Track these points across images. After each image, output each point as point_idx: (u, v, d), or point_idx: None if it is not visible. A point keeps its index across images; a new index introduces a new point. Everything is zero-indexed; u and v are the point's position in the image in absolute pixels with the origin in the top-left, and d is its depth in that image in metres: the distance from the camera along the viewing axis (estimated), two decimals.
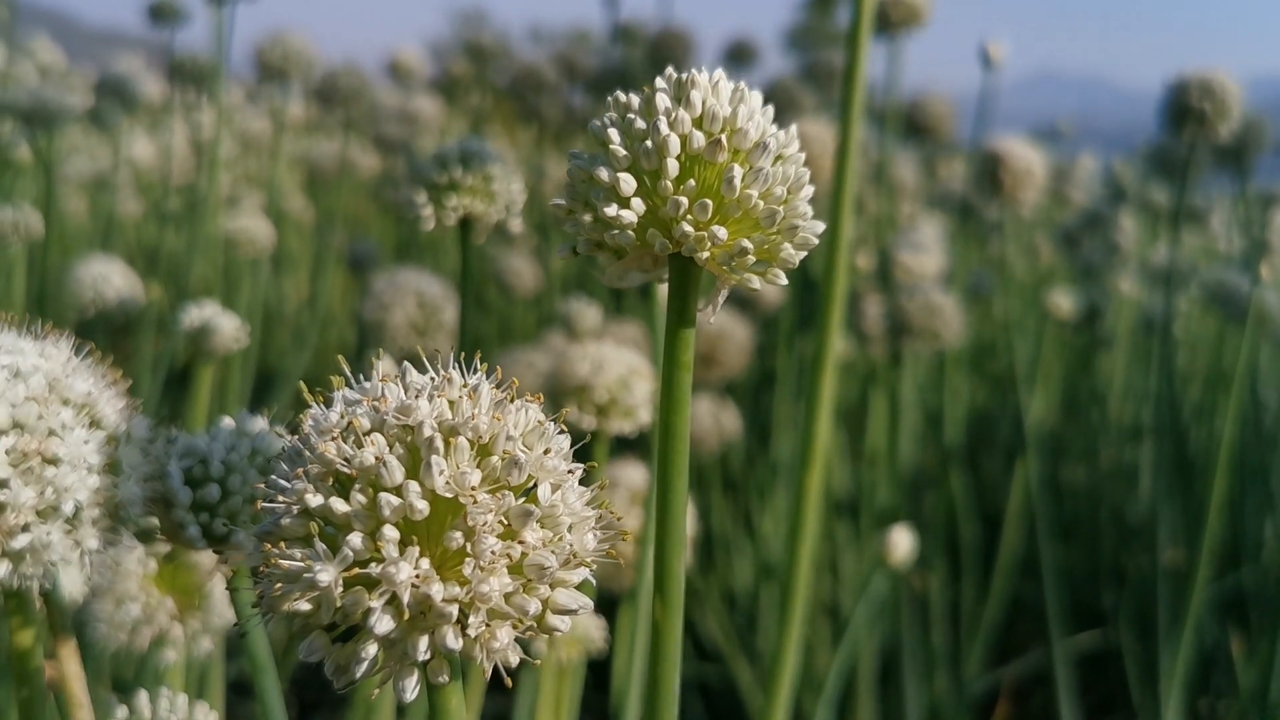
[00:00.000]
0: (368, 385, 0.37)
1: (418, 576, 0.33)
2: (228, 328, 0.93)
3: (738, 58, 2.64)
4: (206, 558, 0.79)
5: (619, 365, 0.91)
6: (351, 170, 3.20)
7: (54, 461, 0.43)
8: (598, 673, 1.39)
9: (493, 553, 0.34)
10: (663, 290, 0.93)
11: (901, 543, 1.02)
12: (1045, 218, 3.45)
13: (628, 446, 1.45)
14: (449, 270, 2.63)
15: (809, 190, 0.41)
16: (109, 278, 1.65)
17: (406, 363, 0.37)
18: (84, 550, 0.45)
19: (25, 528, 0.43)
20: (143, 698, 0.50)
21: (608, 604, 1.16)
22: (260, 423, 0.51)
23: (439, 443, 0.34)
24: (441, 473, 0.34)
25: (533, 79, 2.49)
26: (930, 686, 1.83)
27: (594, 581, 0.36)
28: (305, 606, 0.34)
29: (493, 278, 2.33)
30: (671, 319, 0.41)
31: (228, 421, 0.51)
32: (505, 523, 0.34)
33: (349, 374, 0.38)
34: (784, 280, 0.41)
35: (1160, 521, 1.76)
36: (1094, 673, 2.09)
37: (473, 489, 0.34)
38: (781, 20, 3.08)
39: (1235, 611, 1.88)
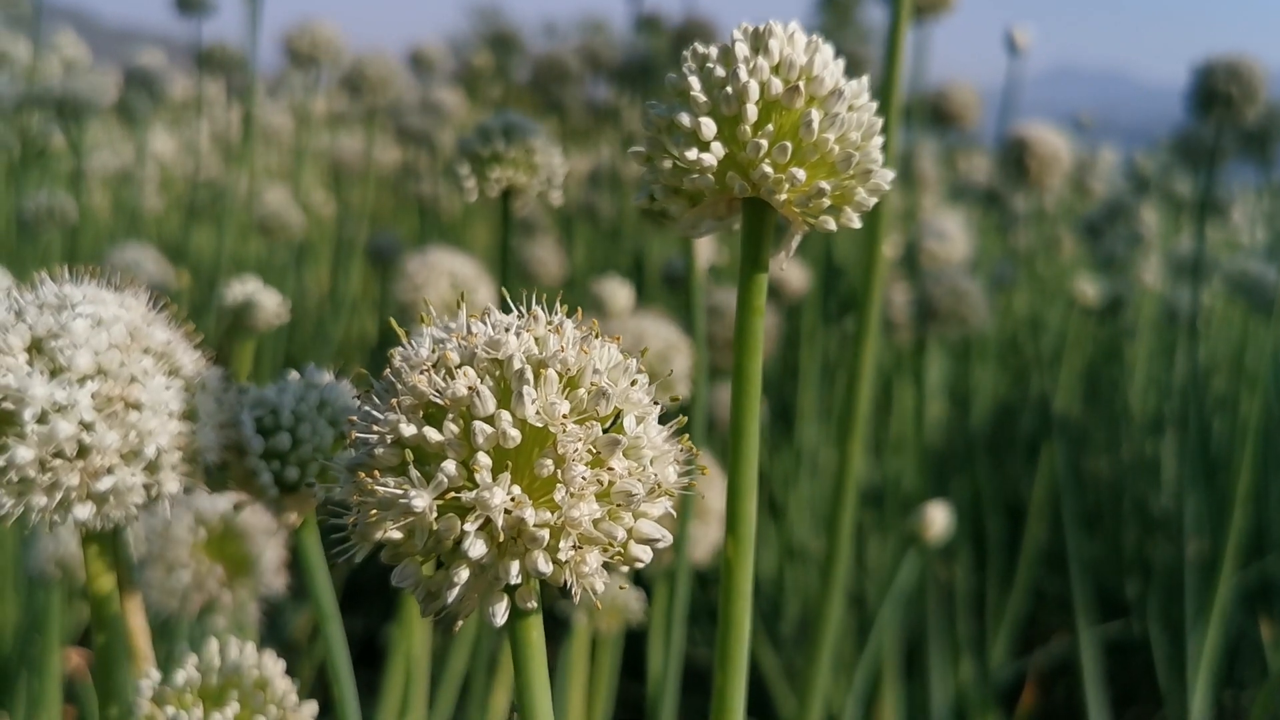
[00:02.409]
0: (454, 324, 0.38)
1: (511, 501, 0.34)
2: (270, 304, 0.94)
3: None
4: (256, 525, 0.81)
5: (658, 339, 0.91)
6: (374, 164, 3.22)
7: (137, 406, 0.44)
8: (630, 661, 1.40)
9: (583, 479, 0.34)
10: (701, 267, 0.94)
11: (937, 518, 1.02)
12: (1066, 210, 3.45)
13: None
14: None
15: (880, 139, 0.42)
16: (141, 264, 1.67)
17: (489, 304, 0.38)
18: (164, 493, 0.46)
19: (110, 470, 0.44)
20: (213, 646, 0.51)
21: (643, 586, 1.16)
22: (327, 376, 0.52)
23: (529, 374, 0.35)
24: (533, 402, 0.35)
25: (556, 69, 2.50)
26: (955, 674, 1.83)
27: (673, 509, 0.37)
28: (398, 535, 0.35)
29: (517, 267, 2.34)
30: (745, 265, 0.42)
31: (294, 375, 0.52)
32: (593, 451, 0.35)
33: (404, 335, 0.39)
34: (857, 223, 0.42)
35: (1185, 512, 1.76)
36: (1116, 663, 2.09)
37: (563, 418, 0.35)
38: (800, 15, 3.09)
39: (1260, 602, 1.87)
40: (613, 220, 2.85)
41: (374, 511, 0.35)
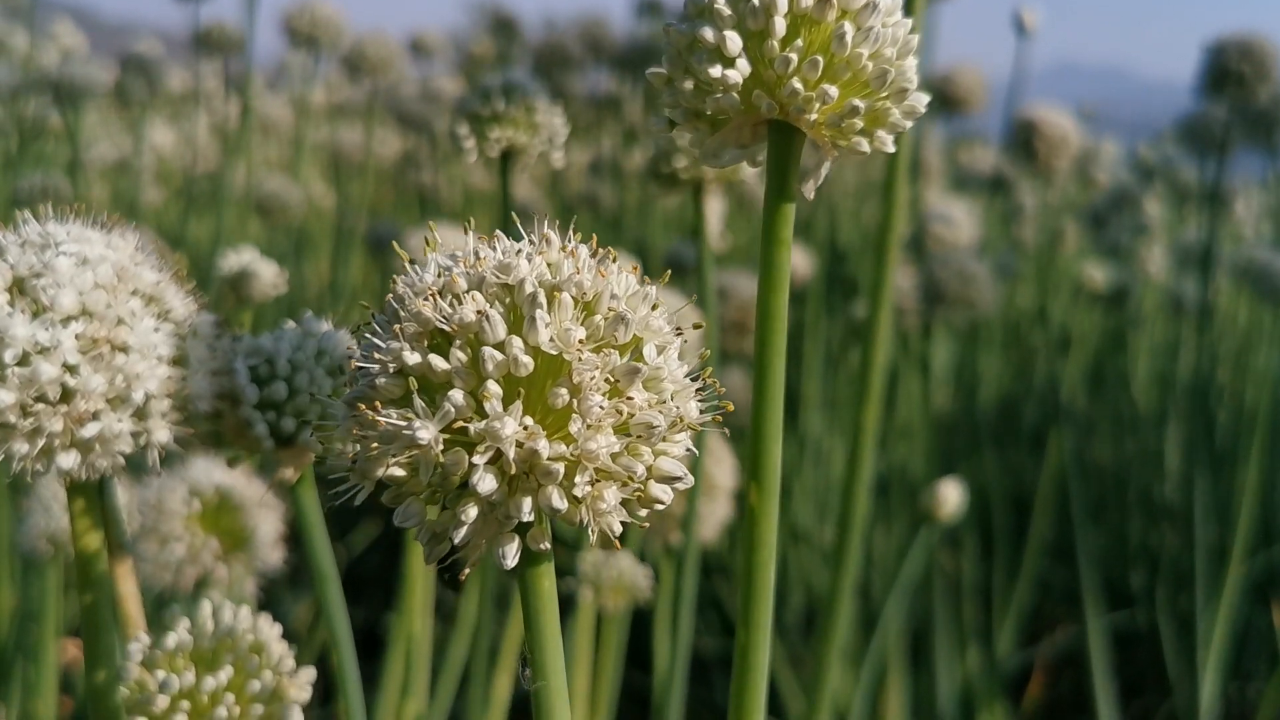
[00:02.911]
0: (459, 253, 0.35)
1: (524, 431, 0.32)
2: (267, 273, 0.91)
3: None
4: (252, 498, 0.78)
5: (665, 306, 0.89)
6: (374, 156, 3.20)
7: (124, 349, 0.42)
8: (634, 650, 1.37)
9: (600, 408, 0.32)
10: (713, 234, 0.91)
11: (950, 496, 1.00)
12: (1068, 203, 3.43)
13: None
14: None
15: (914, 60, 0.39)
16: None
17: (499, 230, 0.36)
18: (153, 442, 0.43)
19: (95, 415, 0.41)
20: (205, 608, 0.49)
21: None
22: (325, 325, 0.50)
23: (542, 298, 0.33)
24: (546, 326, 0.32)
25: (557, 55, 2.47)
26: (962, 664, 1.82)
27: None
28: (401, 471, 0.33)
29: None
30: (771, 194, 0.39)
31: (290, 324, 0.50)
32: (611, 380, 0.33)
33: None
34: (890, 146, 0.39)
35: (1195, 502, 1.74)
36: (1121, 654, 2.08)
37: (579, 344, 0.32)
38: None
39: (1271, 589, 1.86)
40: (614, 210, 2.83)
41: (375, 445, 0.32)
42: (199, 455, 0.74)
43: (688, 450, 0.35)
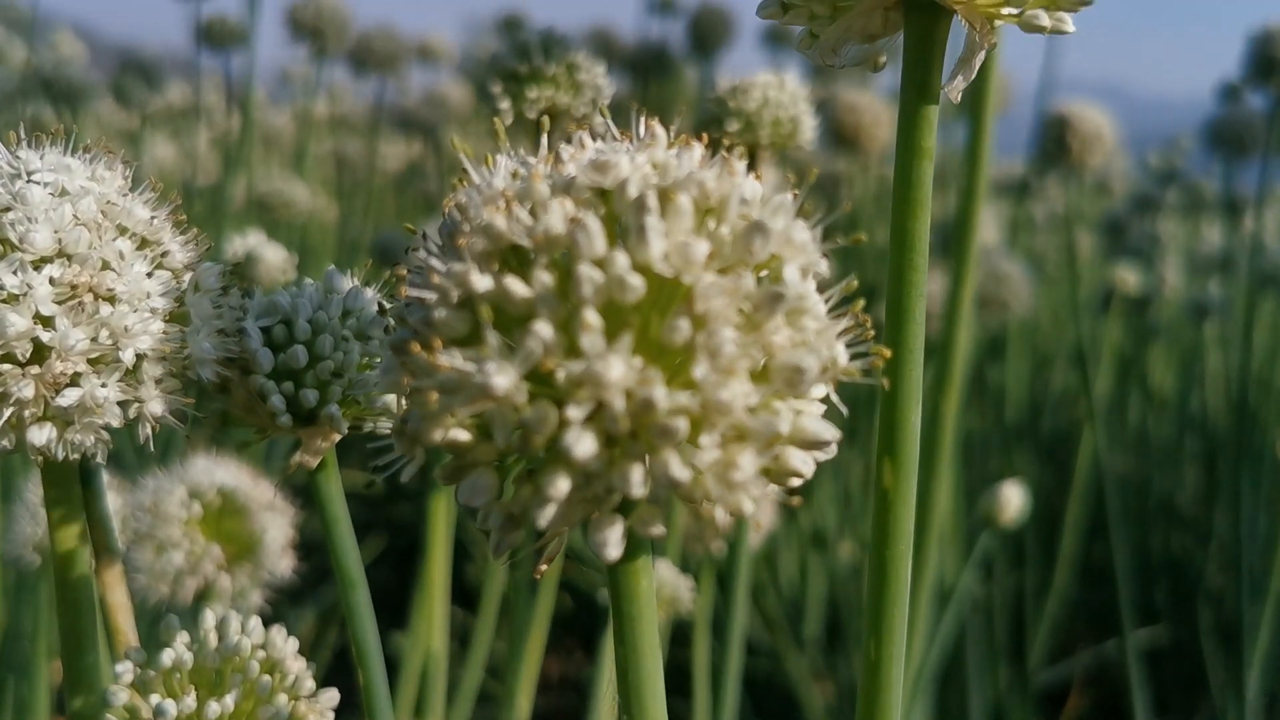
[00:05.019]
0: (533, 159, 0.27)
1: (634, 374, 0.24)
2: (274, 258, 0.84)
3: (779, 35, 2.57)
4: (259, 500, 0.70)
5: None
6: (378, 165, 3.14)
7: (110, 299, 0.34)
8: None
9: (734, 346, 0.24)
10: None
11: (1013, 500, 0.92)
12: (1077, 213, 3.38)
13: None
14: None
15: None
16: None
17: (583, 133, 0.28)
18: (146, 415, 0.35)
19: (74, 380, 0.33)
20: (208, 618, 0.41)
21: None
22: (350, 281, 0.42)
23: (653, 202, 0.25)
24: (661, 238, 0.24)
25: None
26: (995, 682, 1.75)
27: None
28: (465, 435, 0.25)
29: None
30: (909, 95, 0.31)
31: (309, 281, 0.42)
32: (746, 311, 0.25)
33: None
34: (1071, 27, 0.32)
35: (1242, 517, 1.66)
36: (1144, 671, 2.02)
37: (705, 261, 0.24)
38: None
39: None
40: None
41: (433, 399, 0.24)
42: (200, 434, 0.66)
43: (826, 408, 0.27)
